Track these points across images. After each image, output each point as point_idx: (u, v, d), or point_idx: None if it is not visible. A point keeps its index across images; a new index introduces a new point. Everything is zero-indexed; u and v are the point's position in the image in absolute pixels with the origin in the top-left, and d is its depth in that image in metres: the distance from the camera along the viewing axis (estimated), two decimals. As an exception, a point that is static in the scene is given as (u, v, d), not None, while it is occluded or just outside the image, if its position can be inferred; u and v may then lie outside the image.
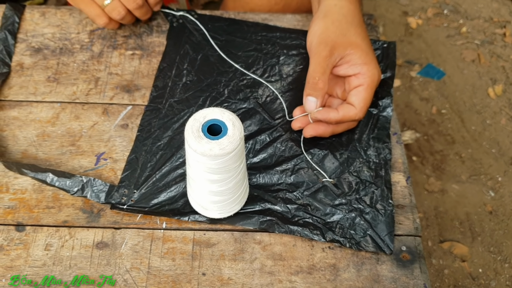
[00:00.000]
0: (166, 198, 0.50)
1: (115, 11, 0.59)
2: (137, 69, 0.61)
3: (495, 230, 1.05)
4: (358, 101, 0.52)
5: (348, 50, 0.53)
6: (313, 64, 0.53)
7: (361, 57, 0.53)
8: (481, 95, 1.29)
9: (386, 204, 0.50)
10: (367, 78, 0.53)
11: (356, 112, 0.52)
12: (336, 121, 0.52)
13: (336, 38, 0.53)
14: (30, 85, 0.59)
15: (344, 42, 0.53)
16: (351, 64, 0.53)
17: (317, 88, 0.52)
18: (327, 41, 0.53)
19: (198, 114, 0.42)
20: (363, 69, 0.53)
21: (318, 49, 0.53)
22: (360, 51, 0.53)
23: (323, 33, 0.54)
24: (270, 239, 0.49)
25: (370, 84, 0.53)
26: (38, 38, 0.63)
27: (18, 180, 0.51)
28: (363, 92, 0.52)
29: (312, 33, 0.55)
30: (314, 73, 0.52)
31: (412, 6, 1.51)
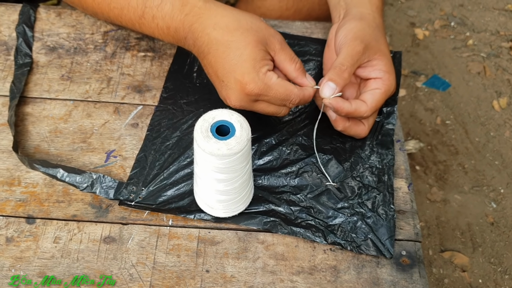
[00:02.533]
0: (173, 196, 0.51)
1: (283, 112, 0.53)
2: (149, 71, 0.62)
3: (496, 242, 1.05)
4: (371, 100, 0.53)
5: (377, 55, 0.54)
6: (344, 53, 0.53)
7: (386, 65, 0.55)
8: (485, 107, 1.30)
9: (387, 209, 0.52)
10: (385, 85, 0.54)
11: (366, 109, 0.53)
12: (347, 113, 0.52)
13: (370, 40, 0.54)
14: (45, 82, 0.60)
15: (375, 47, 0.55)
16: (375, 68, 0.54)
17: (342, 76, 0.51)
18: (363, 39, 0.54)
19: (207, 115, 0.44)
20: (384, 76, 0.54)
21: (353, 43, 0.53)
22: (386, 59, 0.55)
23: (360, 31, 0.55)
24: (273, 239, 0.50)
25: (386, 91, 0.54)
26: (53, 37, 0.65)
27: (30, 174, 0.53)
28: (378, 95, 0.54)
29: (347, 29, 0.55)
30: (344, 61, 0.52)
31: (419, 18, 1.52)
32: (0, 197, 0.51)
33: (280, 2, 0.79)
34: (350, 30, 0.55)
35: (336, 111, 0.52)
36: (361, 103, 0.53)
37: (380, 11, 0.59)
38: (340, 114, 0.53)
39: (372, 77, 0.55)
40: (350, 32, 0.54)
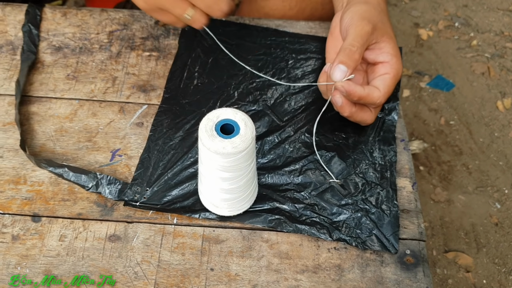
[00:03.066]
0: (177, 196, 0.52)
1: (197, 23, 0.55)
2: (153, 70, 0.63)
3: (500, 242, 1.05)
4: (383, 86, 0.52)
5: (384, 38, 0.53)
6: (353, 34, 0.51)
7: (393, 48, 0.54)
8: (489, 108, 1.29)
9: (391, 205, 0.52)
10: (393, 69, 0.53)
11: (379, 95, 0.51)
12: (360, 97, 0.50)
13: (377, 21, 0.53)
14: (50, 82, 0.61)
15: (382, 29, 0.54)
16: (383, 51, 0.53)
17: (352, 58, 0.50)
18: (370, 20, 0.52)
19: (211, 113, 0.44)
20: (392, 59, 0.53)
21: (360, 23, 0.52)
22: (393, 42, 0.54)
23: (366, 12, 0.53)
24: (277, 238, 0.50)
25: (395, 75, 0.53)
26: (59, 37, 0.65)
27: (36, 173, 0.53)
28: (389, 80, 0.53)
29: (352, 11, 0.54)
30: (354, 42, 0.50)
31: (423, 18, 1.52)
32: (6, 196, 0.51)
33: (283, 2, 0.79)
34: (356, 12, 0.54)
35: (349, 95, 0.50)
36: (374, 88, 0.52)
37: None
38: (352, 99, 0.51)
39: (380, 61, 0.54)
40: (356, 13, 0.53)
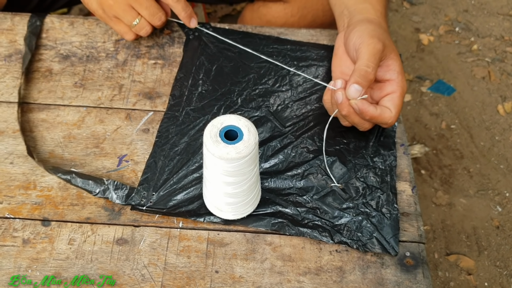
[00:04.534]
0: (183, 200, 0.53)
1: (143, 30, 0.64)
2: (159, 78, 0.64)
3: (501, 245, 1.06)
4: (393, 106, 0.53)
5: (392, 55, 0.55)
6: (366, 53, 0.53)
7: (399, 66, 0.55)
8: (490, 112, 1.30)
9: (391, 208, 0.53)
10: (399, 87, 0.54)
11: (391, 115, 0.53)
12: (372, 116, 0.52)
13: (384, 39, 0.55)
14: (58, 89, 0.62)
15: (390, 46, 0.55)
16: (390, 69, 0.55)
17: (368, 78, 0.52)
18: (379, 38, 0.54)
19: (216, 120, 0.45)
20: (398, 77, 0.55)
21: (372, 40, 0.53)
22: (399, 60, 0.56)
23: (374, 31, 0.55)
24: (280, 241, 0.51)
25: (402, 93, 0.54)
26: (66, 46, 0.67)
27: (45, 179, 0.55)
28: (397, 99, 0.54)
29: (359, 31, 0.55)
30: (369, 62, 0.52)
31: (424, 23, 1.53)
32: (17, 201, 0.53)
33: (285, 9, 0.80)
34: (363, 31, 0.55)
35: (361, 113, 0.52)
36: (385, 109, 0.53)
37: (384, 17, 0.60)
38: (364, 118, 0.53)
39: (386, 78, 0.55)
40: (365, 32, 0.55)
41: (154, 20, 0.64)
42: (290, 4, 0.79)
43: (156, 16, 0.64)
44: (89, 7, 0.64)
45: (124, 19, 0.63)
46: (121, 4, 0.62)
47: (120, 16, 0.63)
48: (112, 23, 0.64)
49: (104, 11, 0.63)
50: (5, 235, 0.50)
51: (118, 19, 0.63)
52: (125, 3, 0.62)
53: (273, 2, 0.81)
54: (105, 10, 0.62)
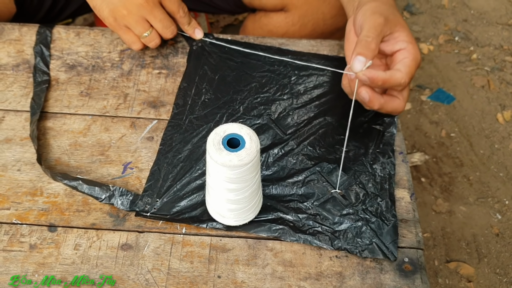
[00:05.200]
0: (186, 207, 0.54)
1: (153, 42, 0.66)
2: (163, 87, 0.66)
3: (501, 252, 1.06)
4: (404, 67, 0.53)
5: (397, 27, 0.55)
6: (367, 27, 0.53)
7: (407, 36, 0.55)
8: (490, 120, 1.32)
9: (390, 215, 0.54)
10: (411, 53, 0.54)
11: (402, 75, 0.53)
12: (383, 80, 0.52)
13: (388, 14, 0.55)
14: (65, 98, 0.64)
15: (394, 20, 0.56)
16: (398, 40, 0.55)
17: (369, 47, 0.52)
18: (381, 13, 0.55)
19: (218, 128, 0.47)
20: (408, 46, 0.55)
21: (373, 17, 0.54)
22: (406, 31, 0.56)
23: (377, 7, 0.56)
24: (281, 246, 0.52)
25: (414, 59, 0.54)
26: (72, 56, 0.68)
27: (52, 185, 0.56)
28: (409, 62, 0.54)
29: (363, 10, 0.56)
30: (369, 33, 0.52)
31: (424, 33, 1.55)
32: (24, 207, 0.54)
33: (286, 18, 0.82)
34: (367, 9, 0.56)
35: (372, 82, 0.52)
36: (395, 70, 0.53)
37: None
38: (377, 84, 0.52)
39: (396, 49, 0.55)
40: (368, 10, 0.56)
41: (166, 33, 0.66)
42: (291, 13, 0.81)
43: (169, 29, 0.65)
44: (99, 14, 0.64)
45: (136, 30, 0.64)
46: (135, 16, 0.63)
47: (132, 27, 0.64)
48: (121, 32, 0.65)
49: (116, 19, 0.63)
50: (12, 240, 0.52)
51: (128, 28, 0.64)
52: (139, 15, 0.63)
53: (274, 12, 0.83)
54: (117, 19, 0.63)
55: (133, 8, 0.62)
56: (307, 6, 0.78)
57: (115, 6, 0.62)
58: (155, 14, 0.64)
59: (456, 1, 1.66)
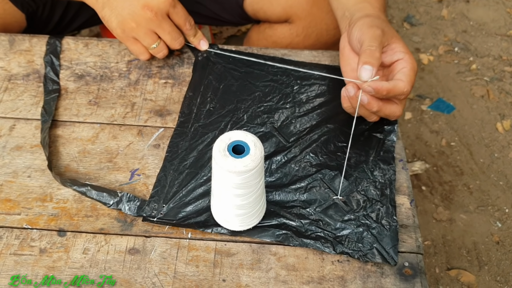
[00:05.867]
0: (191, 212, 0.55)
1: (161, 53, 0.68)
2: (169, 96, 0.67)
3: (502, 260, 1.07)
4: (405, 76, 0.55)
5: (393, 39, 0.57)
6: (368, 38, 0.55)
7: (403, 47, 0.57)
8: (489, 129, 1.33)
9: (390, 220, 0.55)
10: (409, 63, 0.56)
11: (404, 84, 0.54)
12: (388, 90, 0.54)
13: (383, 27, 0.58)
14: (73, 107, 0.66)
15: (390, 32, 0.58)
16: (396, 51, 0.57)
17: (374, 56, 0.53)
18: (378, 26, 0.57)
19: (224, 136, 0.48)
20: (405, 56, 0.57)
21: (371, 29, 0.56)
22: (402, 42, 0.58)
23: (372, 22, 0.58)
24: (284, 251, 0.54)
25: (412, 68, 0.56)
26: (81, 66, 0.70)
27: (61, 191, 0.57)
28: (408, 71, 0.56)
29: (359, 25, 0.58)
30: (371, 42, 0.54)
31: (424, 43, 1.57)
32: (34, 212, 0.56)
33: (290, 29, 0.84)
34: (362, 24, 0.58)
35: (377, 92, 0.54)
36: (397, 80, 0.55)
37: (383, 12, 0.63)
38: (381, 94, 0.54)
39: (394, 60, 0.57)
40: (364, 25, 0.58)
41: (175, 44, 0.68)
42: (295, 24, 0.83)
43: (177, 41, 0.68)
44: (107, 25, 0.66)
45: (144, 42, 0.66)
46: (144, 28, 0.65)
47: (141, 39, 0.66)
48: (129, 43, 0.67)
49: (124, 31, 0.65)
50: (23, 245, 0.53)
51: (136, 40, 0.66)
52: (147, 27, 0.65)
53: (278, 24, 0.85)
54: (125, 31, 0.65)
55: (142, 21, 0.64)
56: (311, 17, 0.80)
57: (124, 18, 0.64)
58: (164, 27, 0.65)
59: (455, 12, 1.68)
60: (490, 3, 1.71)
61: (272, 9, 0.82)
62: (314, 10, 0.79)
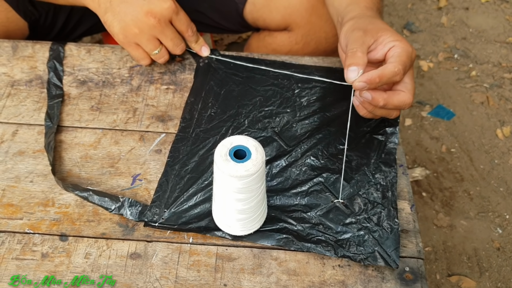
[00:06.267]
0: (193, 217, 0.56)
1: (162, 58, 0.69)
2: (171, 102, 0.68)
3: (502, 266, 1.07)
4: (394, 57, 0.55)
5: (379, 33, 0.57)
6: (350, 43, 0.56)
7: (392, 35, 0.57)
8: (489, 136, 1.33)
9: (392, 223, 0.55)
10: (399, 47, 0.56)
11: (394, 64, 0.54)
12: (379, 75, 0.53)
13: (366, 25, 0.58)
14: (76, 113, 0.66)
15: (374, 28, 0.58)
16: (385, 43, 0.57)
17: (356, 56, 0.54)
18: (359, 28, 0.57)
19: (225, 140, 0.49)
20: (396, 42, 0.56)
21: (352, 33, 0.57)
22: (390, 32, 0.58)
23: (353, 25, 0.58)
24: (285, 256, 0.54)
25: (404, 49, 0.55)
26: (83, 72, 0.71)
27: (63, 196, 0.58)
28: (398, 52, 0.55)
29: (343, 32, 0.59)
30: (351, 46, 0.55)
31: (424, 50, 1.58)
32: (36, 217, 0.56)
33: (289, 37, 0.85)
34: (346, 30, 0.59)
35: (370, 82, 0.53)
36: (387, 64, 0.55)
37: (370, 8, 0.63)
38: (374, 82, 0.54)
39: (386, 50, 0.57)
40: (347, 31, 0.58)
41: (176, 50, 0.68)
42: (294, 32, 0.83)
43: (179, 47, 0.68)
44: (109, 30, 0.67)
45: (146, 48, 0.67)
46: (146, 35, 0.65)
47: (143, 45, 0.66)
48: (131, 49, 0.68)
49: (126, 36, 0.66)
50: (25, 249, 0.53)
51: (137, 45, 0.67)
52: (150, 34, 0.65)
53: (278, 32, 0.85)
54: (127, 36, 0.66)
55: (145, 27, 0.64)
56: (310, 25, 0.81)
57: (127, 24, 0.64)
58: (166, 33, 0.66)
59: (455, 19, 1.69)
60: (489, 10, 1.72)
61: (271, 17, 0.83)
62: (313, 18, 0.80)
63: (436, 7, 1.73)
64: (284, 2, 0.80)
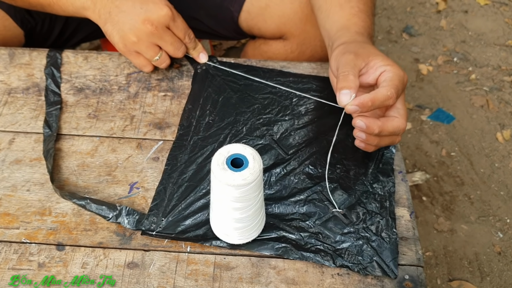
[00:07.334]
0: (190, 225, 0.55)
1: (164, 63, 0.68)
2: (168, 109, 0.68)
3: (503, 271, 1.07)
4: (386, 82, 0.55)
5: (370, 57, 0.57)
6: (341, 66, 0.56)
7: (383, 60, 0.57)
8: (489, 139, 1.33)
9: (390, 233, 0.55)
10: (390, 72, 0.56)
11: (386, 88, 0.54)
12: (371, 99, 0.53)
13: (357, 50, 0.58)
14: (73, 120, 0.66)
15: (365, 52, 0.58)
16: (376, 67, 0.57)
17: (348, 79, 0.54)
18: (350, 51, 0.57)
19: (223, 149, 0.48)
20: (387, 67, 0.56)
21: (343, 57, 0.57)
22: (381, 56, 0.58)
23: (344, 48, 0.59)
24: (284, 264, 0.53)
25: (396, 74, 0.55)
26: (81, 79, 0.71)
27: (60, 205, 0.57)
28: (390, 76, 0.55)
29: (334, 56, 0.59)
30: (343, 69, 0.55)
31: (423, 54, 1.58)
32: (33, 226, 0.55)
33: (285, 46, 0.84)
34: (337, 54, 0.59)
35: (363, 107, 0.53)
36: (379, 89, 0.55)
37: (361, 34, 0.63)
38: (367, 107, 0.54)
39: (378, 74, 0.57)
40: (338, 55, 0.59)
41: (178, 53, 0.68)
42: (290, 41, 0.83)
43: (180, 50, 0.68)
44: (110, 39, 0.67)
45: (147, 55, 0.67)
46: (145, 42, 0.65)
47: (143, 52, 0.66)
48: (132, 57, 0.68)
49: (126, 45, 0.66)
50: (21, 259, 0.53)
51: (138, 53, 0.67)
52: (149, 41, 0.65)
53: (273, 40, 0.85)
54: (127, 45, 0.66)
55: (143, 35, 0.64)
56: (305, 34, 0.81)
57: (125, 33, 0.64)
58: (166, 38, 0.66)
59: (454, 23, 1.69)
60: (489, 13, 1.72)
61: (266, 26, 0.83)
62: (308, 27, 0.80)
63: (435, 11, 1.73)
64: (278, 11, 0.80)
